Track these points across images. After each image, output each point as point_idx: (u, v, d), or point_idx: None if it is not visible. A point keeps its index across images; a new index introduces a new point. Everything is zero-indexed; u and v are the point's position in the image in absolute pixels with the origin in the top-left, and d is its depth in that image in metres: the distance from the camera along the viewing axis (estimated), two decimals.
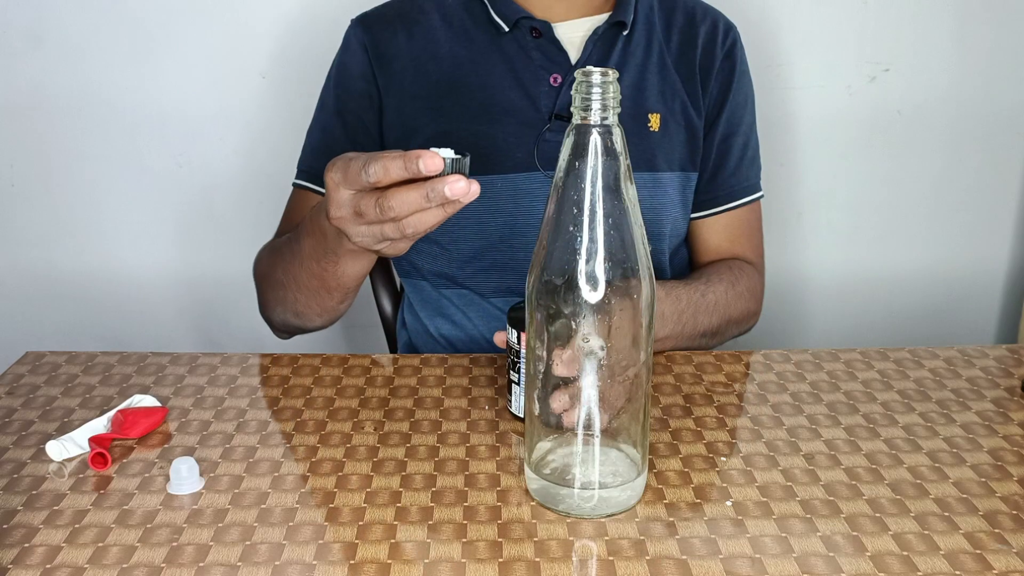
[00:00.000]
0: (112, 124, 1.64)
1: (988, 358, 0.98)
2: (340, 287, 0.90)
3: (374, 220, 0.73)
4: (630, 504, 0.71)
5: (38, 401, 0.88)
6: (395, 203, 0.70)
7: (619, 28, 1.05)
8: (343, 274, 0.88)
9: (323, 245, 0.85)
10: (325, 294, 0.92)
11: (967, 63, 1.67)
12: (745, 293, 1.08)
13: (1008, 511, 0.71)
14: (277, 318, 1.02)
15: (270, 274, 0.99)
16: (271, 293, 1.00)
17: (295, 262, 0.92)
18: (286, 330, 1.05)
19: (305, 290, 0.93)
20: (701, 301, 1.00)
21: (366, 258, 0.85)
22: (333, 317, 0.98)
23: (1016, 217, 1.78)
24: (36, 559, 0.65)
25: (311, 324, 1.00)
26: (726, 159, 1.10)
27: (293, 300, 0.96)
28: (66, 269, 1.73)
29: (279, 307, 1.00)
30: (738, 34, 1.12)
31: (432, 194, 0.69)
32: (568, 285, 0.66)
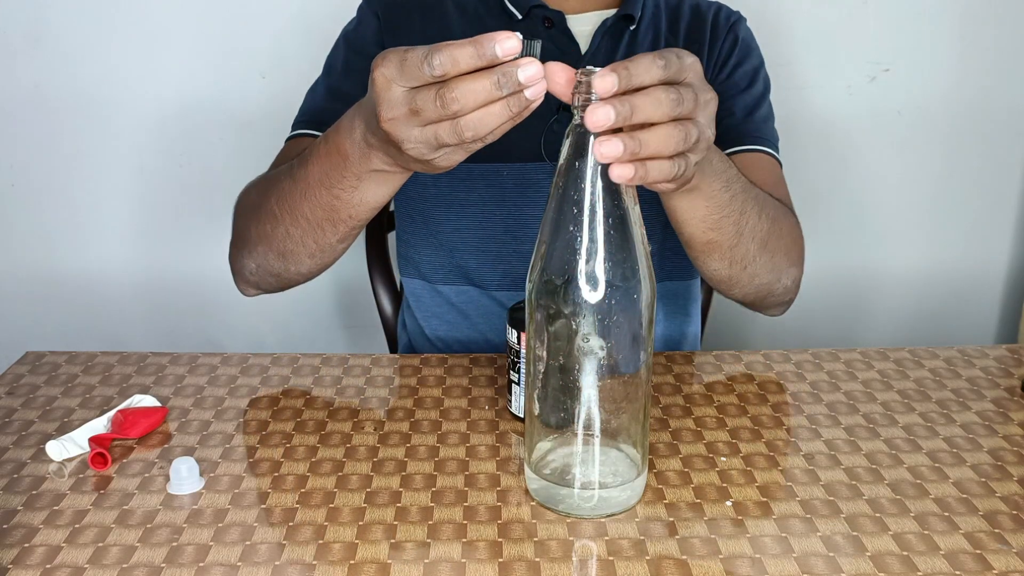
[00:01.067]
0: (112, 124, 1.64)
1: (988, 358, 0.98)
2: (352, 218, 0.82)
3: (434, 117, 0.63)
4: (630, 504, 0.71)
5: (38, 401, 0.88)
6: (459, 93, 0.61)
7: (627, 22, 1.06)
8: (360, 202, 0.79)
9: (340, 168, 0.77)
10: (329, 227, 0.83)
11: (967, 63, 1.67)
12: (791, 217, 0.97)
13: (1008, 511, 0.71)
14: (254, 261, 0.92)
15: (261, 205, 0.89)
16: (256, 228, 0.90)
17: (296, 191, 0.83)
18: (256, 282, 0.95)
19: (303, 223, 0.84)
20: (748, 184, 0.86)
21: (391, 182, 0.77)
22: (323, 261, 0.89)
23: (1016, 217, 1.78)
24: (36, 559, 0.65)
25: (295, 268, 0.91)
26: (732, 110, 1.06)
27: (284, 236, 0.87)
28: (66, 269, 1.73)
29: (261, 245, 0.90)
30: (743, 18, 1.12)
31: (503, 79, 0.60)
32: (568, 285, 0.65)
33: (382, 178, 0.76)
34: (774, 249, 0.89)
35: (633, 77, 0.61)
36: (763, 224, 0.86)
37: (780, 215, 0.91)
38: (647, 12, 1.08)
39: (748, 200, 0.83)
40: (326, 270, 0.92)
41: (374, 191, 0.78)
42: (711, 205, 0.80)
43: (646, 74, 0.61)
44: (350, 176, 0.77)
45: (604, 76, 0.60)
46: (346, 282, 1.76)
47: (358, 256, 1.36)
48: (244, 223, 0.93)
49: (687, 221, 0.82)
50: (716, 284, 0.92)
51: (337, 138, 0.76)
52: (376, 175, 0.75)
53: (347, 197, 0.79)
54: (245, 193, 0.95)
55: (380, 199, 0.80)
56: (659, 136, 0.62)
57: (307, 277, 0.93)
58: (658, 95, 0.61)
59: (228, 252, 0.96)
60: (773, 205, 0.90)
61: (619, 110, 0.60)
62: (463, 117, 0.62)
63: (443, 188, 1.06)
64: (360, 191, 0.78)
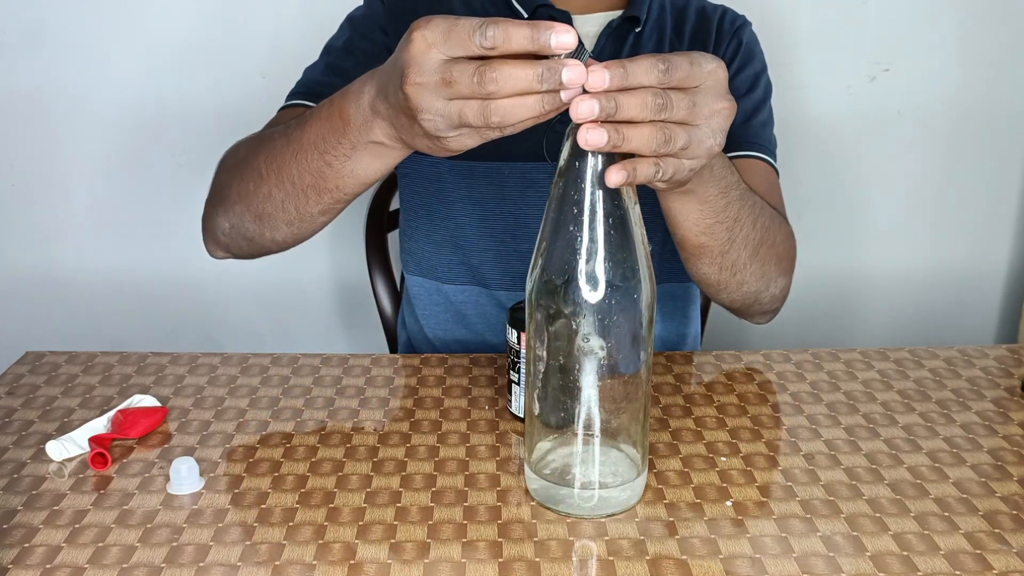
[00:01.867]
0: (112, 124, 1.64)
1: (988, 358, 0.98)
2: (338, 189, 0.78)
3: (466, 93, 0.60)
4: (630, 504, 0.71)
5: (38, 401, 0.88)
6: (500, 75, 0.59)
7: (632, 23, 1.06)
8: (350, 172, 0.76)
9: (339, 134, 0.74)
10: (313, 195, 0.80)
11: (967, 63, 1.67)
12: (785, 226, 0.96)
13: (1008, 511, 0.71)
14: (230, 220, 0.89)
15: (248, 161, 0.86)
16: (239, 185, 0.86)
17: (288, 151, 0.80)
18: (227, 243, 0.92)
19: (288, 186, 0.81)
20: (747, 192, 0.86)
21: (386, 157, 0.74)
22: (300, 232, 0.86)
23: (1016, 217, 1.78)
24: (36, 559, 0.65)
25: (269, 235, 0.87)
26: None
27: (265, 196, 0.83)
28: (66, 269, 1.73)
29: (240, 205, 0.86)
30: (749, 23, 1.12)
31: (547, 73, 0.59)
32: (568, 285, 0.65)
33: (378, 151, 0.73)
34: (765, 258, 0.89)
35: (629, 77, 0.61)
36: (756, 233, 0.86)
37: (774, 224, 0.91)
38: (652, 14, 1.08)
39: (744, 208, 0.83)
40: (299, 243, 0.89)
41: (366, 164, 0.75)
42: (705, 210, 0.80)
43: (644, 76, 0.61)
44: (346, 143, 0.74)
45: (596, 72, 0.60)
46: (346, 282, 1.76)
47: (358, 256, 1.36)
48: (226, 179, 0.89)
49: (680, 223, 0.82)
50: (704, 287, 0.92)
51: (343, 102, 0.73)
52: (373, 147, 0.73)
53: (338, 165, 0.76)
54: (233, 149, 0.92)
55: (371, 174, 0.76)
56: (640, 134, 0.62)
57: (280, 246, 0.90)
58: (645, 98, 0.61)
59: (203, 209, 0.93)
60: (769, 214, 0.89)
61: (603, 105, 0.60)
62: (495, 101, 0.60)
63: (446, 185, 1.06)
64: (353, 161, 0.75)
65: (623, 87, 0.61)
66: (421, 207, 1.10)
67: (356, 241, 1.44)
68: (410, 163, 1.07)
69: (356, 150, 0.74)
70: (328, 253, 1.76)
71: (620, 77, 0.60)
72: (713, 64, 0.65)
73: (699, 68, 0.64)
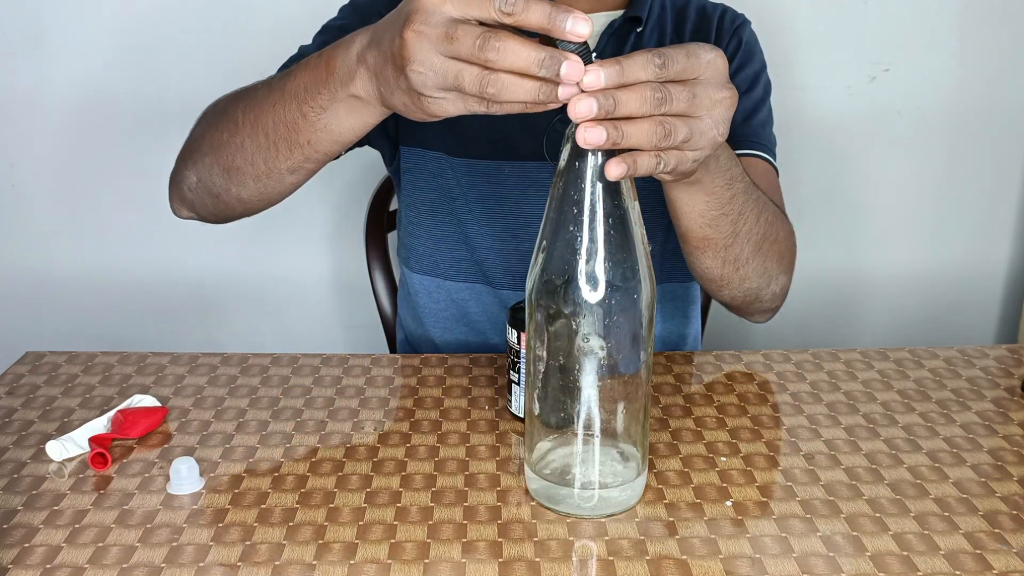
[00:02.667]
0: (112, 124, 1.64)
1: (988, 358, 0.98)
2: (309, 144, 0.77)
3: (463, 54, 0.60)
4: (630, 504, 0.71)
5: (38, 401, 0.88)
6: (504, 46, 0.58)
7: (634, 24, 1.06)
8: (324, 127, 0.75)
9: (320, 84, 0.73)
10: (284, 149, 0.79)
11: (967, 63, 1.67)
12: (787, 224, 0.96)
13: (1008, 511, 0.71)
14: (197, 173, 0.88)
15: (226, 110, 0.85)
16: (213, 135, 0.86)
17: (268, 100, 0.79)
18: (192, 200, 0.91)
19: (261, 137, 0.80)
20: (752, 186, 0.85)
21: (361, 114, 0.73)
22: (267, 191, 0.85)
23: (1016, 217, 1.78)
24: (36, 559, 0.65)
25: (235, 191, 0.86)
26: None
27: (237, 147, 0.82)
28: (66, 269, 1.73)
29: (210, 156, 0.86)
30: (748, 21, 1.12)
31: (549, 61, 0.59)
32: (568, 285, 0.65)
33: (354, 106, 0.72)
34: (767, 254, 0.89)
35: (626, 73, 0.61)
36: (760, 228, 0.86)
37: (777, 221, 0.91)
38: (653, 13, 1.08)
39: (748, 202, 0.83)
40: (264, 207, 0.88)
41: (341, 119, 0.74)
42: (711, 201, 0.79)
43: (641, 71, 0.61)
44: (326, 94, 0.73)
45: (592, 71, 0.60)
46: (346, 282, 1.76)
47: (358, 256, 1.36)
48: (201, 130, 0.89)
49: (685, 214, 0.81)
50: (706, 283, 0.92)
51: (332, 52, 0.73)
52: (350, 101, 0.72)
53: (313, 117, 0.75)
54: (215, 102, 0.90)
55: (344, 132, 0.75)
56: (640, 130, 0.62)
57: (244, 207, 0.89)
58: (644, 92, 0.61)
59: (172, 168, 0.92)
60: (772, 210, 0.89)
61: (602, 103, 0.60)
62: (496, 72, 0.60)
63: (448, 181, 1.06)
64: (328, 115, 0.74)
65: (620, 84, 0.61)
66: (423, 203, 1.09)
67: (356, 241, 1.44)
68: (414, 159, 1.07)
69: (333, 103, 0.73)
70: (328, 253, 1.76)
71: (616, 74, 0.60)
72: (712, 54, 0.64)
73: (696, 59, 0.64)
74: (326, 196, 1.73)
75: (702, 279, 0.91)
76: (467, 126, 1.04)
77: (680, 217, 0.82)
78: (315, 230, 1.75)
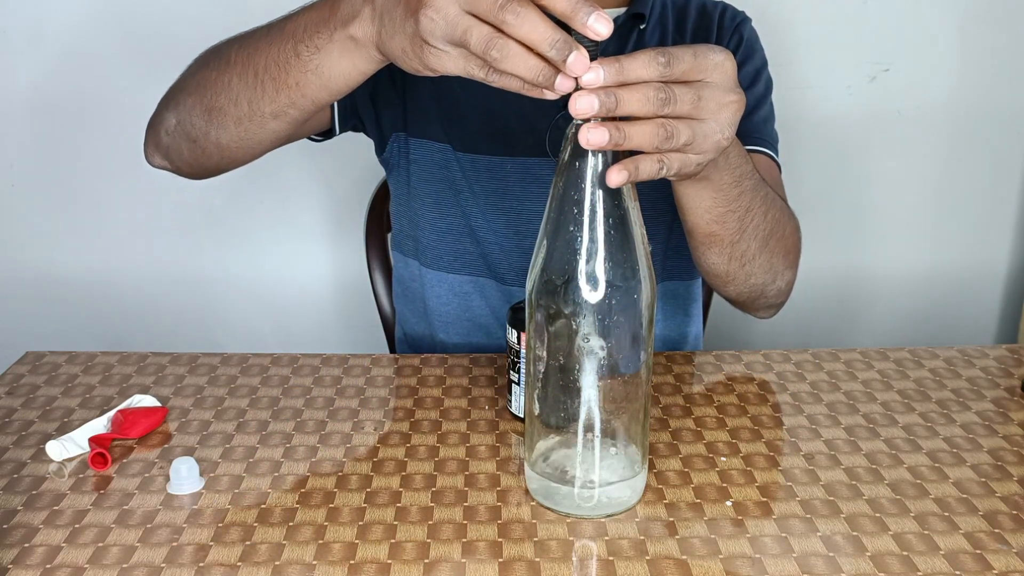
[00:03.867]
0: (112, 124, 1.64)
1: (988, 358, 0.98)
2: (298, 86, 0.76)
3: (481, 11, 0.59)
4: (630, 504, 0.71)
5: (38, 401, 0.88)
6: (524, 12, 0.58)
7: (637, 21, 1.06)
8: (315, 67, 0.74)
9: (319, 22, 0.73)
10: (271, 89, 0.78)
11: (967, 63, 1.67)
12: (794, 220, 0.96)
13: (1008, 511, 0.71)
14: (178, 115, 0.88)
15: (221, 50, 0.85)
16: (201, 73, 0.85)
17: (265, 39, 0.79)
18: (168, 145, 0.90)
19: (251, 75, 0.79)
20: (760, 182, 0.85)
21: (355, 59, 0.72)
22: (247, 137, 0.84)
23: (1016, 217, 1.78)
24: (36, 559, 0.65)
25: (215, 134, 0.85)
26: None
27: (224, 85, 0.82)
28: (66, 269, 1.73)
29: (194, 95, 0.86)
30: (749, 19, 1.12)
31: (561, 44, 0.58)
32: (568, 285, 0.65)
33: (348, 48, 0.71)
34: (773, 250, 0.89)
35: (626, 72, 0.60)
36: (767, 224, 0.86)
37: (784, 217, 0.91)
38: (655, 11, 1.08)
39: (756, 198, 0.83)
40: (240, 159, 0.87)
41: (332, 62, 0.73)
42: (719, 197, 0.79)
43: (643, 70, 0.61)
44: (324, 33, 0.72)
45: (592, 69, 0.59)
46: (346, 282, 1.76)
47: (358, 256, 1.36)
48: (191, 71, 0.89)
49: (692, 209, 0.81)
50: (712, 279, 0.92)
51: None
52: (346, 43, 0.71)
53: (306, 57, 0.74)
54: (212, 46, 0.90)
55: (333, 77, 0.74)
56: (642, 132, 0.62)
57: (221, 154, 0.87)
58: (647, 92, 0.61)
59: (152, 113, 0.91)
60: (779, 206, 0.90)
61: (603, 101, 0.60)
62: (503, 38, 0.59)
63: (454, 173, 1.06)
64: (320, 55, 0.73)
65: (621, 83, 0.60)
66: (429, 195, 1.09)
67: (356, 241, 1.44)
68: (421, 150, 1.07)
69: (329, 43, 0.72)
70: (328, 253, 1.76)
71: (615, 73, 0.60)
72: (720, 56, 0.64)
73: (704, 60, 0.63)
74: (326, 196, 1.73)
75: (707, 274, 0.91)
76: (471, 121, 1.04)
77: (687, 213, 0.82)
78: (315, 230, 1.75)
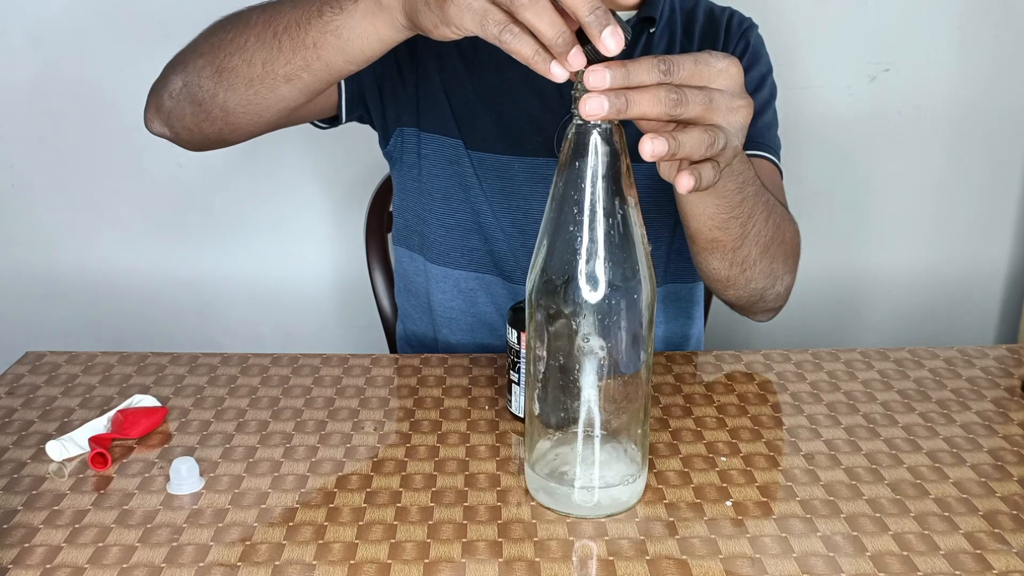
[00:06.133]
0: (112, 124, 1.64)
1: (988, 358, 0.98)
2: (315, 46, 0.77)
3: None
4: (630, 504, 0.71)
5: (38, 401, 0.88)
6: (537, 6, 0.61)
7: (647, 24, 1.06)
8: (335, 29, 0.75)
9: None
10: (288, 50, 0.78)
11: (967, 63, 1.67)
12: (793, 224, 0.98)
13: (1008, 511, 0.71)
14: (185, 77, 0.87)
15: (241, 14, 0.84)
16: (217, 35, 0.85)
17: (290, 2, 0.79)
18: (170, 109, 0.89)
19: (270, 34, 0.79)
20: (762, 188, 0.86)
21: (377, 24, 0.73)
22: (255, 101, 0.84)
23: (1016, 217, 1.78)
24: (36, 559, 0.65)
25: (222, 96, 0.84)
26: None
27: (240, 45, 0.81)
28: (66, 269, 1.73)
29: (206, 56, 0.84)
30: (755, 25, 1.12)
31: (564, 38, 0.60)
32: (568, 285, 0.65)
33: (372, 10, 0.72)
34: (774, 255, 0.90)
35: (631, 75, 0.61)
36: (768, 230, 0.87)
37: (784, 222, 0.92)
38: (663, 15, 1.08)
39: (758, 205, 0.84)
40: (247, 126, 0.87)
41: (353, 24, 0.74)
42: (722, 204, 0.80)
43: (645, 75, 0.62)
44: None
45: (596, 71, 0.60)
46: (346, 282, 1.76)
47: (358, 256, 1.36)
48: (206, 33, 0.88)
49: (695, 216, 0.82)
50: (712, 283, 0.92)
51: None
52: (371, 5, 0.72)
53: (329, 16, 0.75)
54: (231, 13, 0.88)
55: (352, 40, 0.75)
56: (692, 137, 0.63)
57: (225, 120, 0.87)
58: (658, 92, 0.62)
59: (156, 78, 0.91)
60: (780, 212, 0.90)
61: (613, 102, 0.61)
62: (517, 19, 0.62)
63: (464, 169, 1.06)
64: (343, 16, 0.74)
65: (625, 87, 0.61)
66: (439, 190, 1.09)
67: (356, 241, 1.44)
68: (433, 144, 1.07)
69: (354, 4, 0.73)
70: (328, 253, 1.76)
71: (622, 77, 0.61)
72: (725, 62, 0.65)
73: (707, 66, 0.64)
74: (326, 196, 1.73)
75: (708, 279, 0.92)
76: (481, 120, 1.04)
77: (690, 219, 0.83)
78: (315, 230, 1.75)
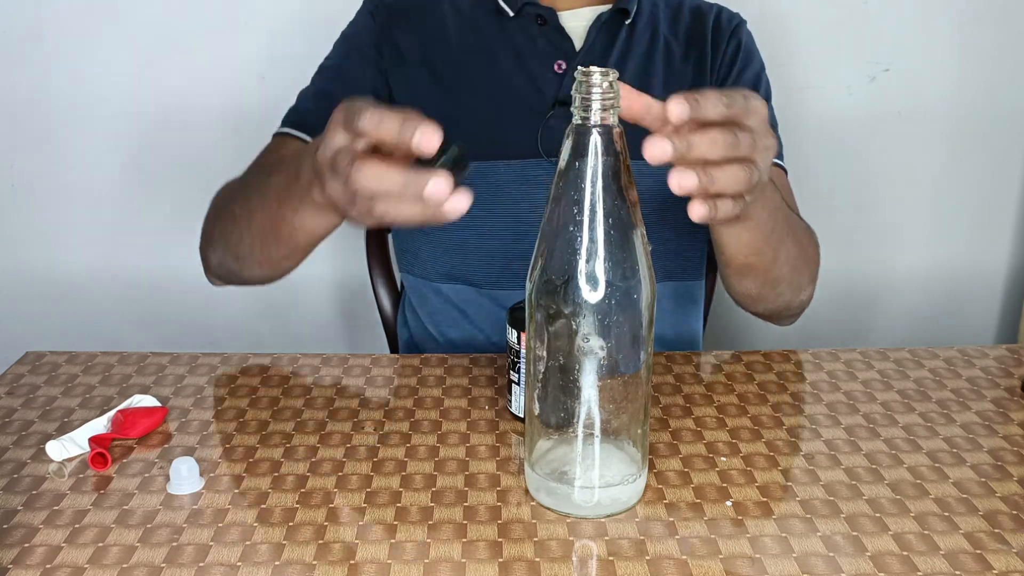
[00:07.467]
0: (112, 124, 1.64)
1: (988, 358, 0.98)
2: (291, 239, 0.82)
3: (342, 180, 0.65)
4: (630, 504, 0.71)
5: (38, 401, 0.88)
6: (364, 175, 0.62)
7: (623, 16, 1.06)
8: (300, 226, 0.79)
9: (291, 186, 0.78)
10: (273, 242, 0.84)
11: (967, 63, 1.67)
12: (813, 235, 0.99)
13: (1008, 511, 0.71)
14: (216, 257, 0.96)
15: (227, 205, 0.93)
16: (220, 225, 0.94)
17: (256, 198, 0.85)
18: (220, 275, 0.99)
19: (255, 232, 0.86)
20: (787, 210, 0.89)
21: (327, 217, 0.77)
22: (273, 272, 0.92)
23: (1016, 217, 1.78)
24: (36, 559, 0.65)
25: (248, 273, 0.93)
26: None
27: (238, 240, 0.89)
28: (66, 269, 1.73)
29: (221, 244, 0.94)
30: (744, 21, 1.12)
31: (410, 185, 0.61)
32: (568, 285, 0.65)
33: (317, 209, 0.75)
34: (800, 270, 0.93)
35: (702, 109, 0.62)
36: (795, 249, 0.89)
37: (806, 237, 0.95)
38: (645, 8, 1.08)
39: (787, 227, 0.86)
40: (280, 279, 0.93)
41: (310, 219, 0.78)
42: (756, 233, 0.82)
43: (712, 109, 0.63)
44: (295, 197, 0.77)
45: (677, 103, 0.61)
46: (346, 282, 1.76)
47: (358, 256, 1.36)
48: (212, 219, 0.97)
49: (730, 244, 0.84)
50: (742, 300, 0.96)
51: (299, 158, 0.77)
52: (314, 205, 0.75)
53: (290, 217, 0.79)
54: (221, 190, 0.98)
55: (317, 229, 0.79)
56: (728, 174, 0.63)
57: (260, 282, 0.95)
58: (716, 136, 0.63)
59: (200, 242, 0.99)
60: (802, 227, 0.93)
61: (677, 146, 0.61)
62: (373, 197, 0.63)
63: None
64: (300, 216, 0.78)
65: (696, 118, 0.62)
66: None
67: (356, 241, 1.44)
68: None
69: (303, 204, 0.76)
70: (328, 253, 1.76)
71: (695, 109, 0.62)
72: (758, 101, 0.66)
73: (750, 104, 0.65)
74: None
75: (739, 296, 0.96)
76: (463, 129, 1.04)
77: (724, 248, 0.85)
78: None
